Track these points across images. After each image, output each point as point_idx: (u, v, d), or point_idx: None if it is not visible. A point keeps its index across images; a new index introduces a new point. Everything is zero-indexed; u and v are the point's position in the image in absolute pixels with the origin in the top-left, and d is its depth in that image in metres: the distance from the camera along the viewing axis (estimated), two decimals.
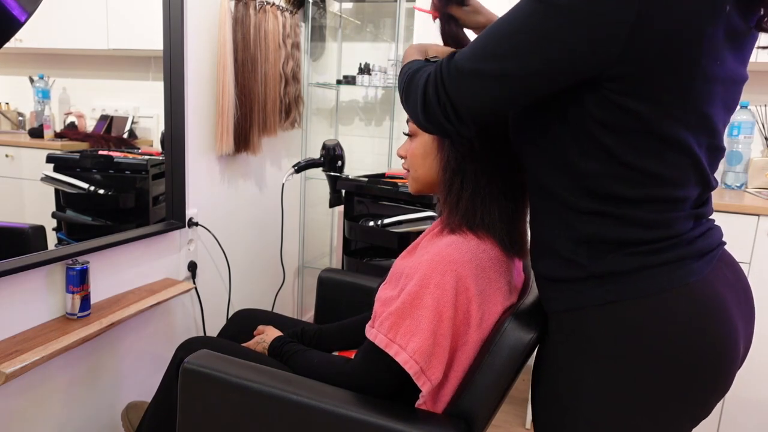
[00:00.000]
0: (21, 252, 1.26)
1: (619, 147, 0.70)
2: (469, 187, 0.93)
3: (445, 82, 0.73)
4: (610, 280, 0.74)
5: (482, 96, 0.72)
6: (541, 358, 0.87)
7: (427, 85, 0.76)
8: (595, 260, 0.75)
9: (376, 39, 2.51)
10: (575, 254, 0.77)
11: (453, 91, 0.73)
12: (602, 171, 0.72)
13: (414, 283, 0.90)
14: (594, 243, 0.75)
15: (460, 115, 0.74)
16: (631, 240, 0.73)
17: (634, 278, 0.73)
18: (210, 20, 1.79)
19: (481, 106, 0.73)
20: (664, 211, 0.73)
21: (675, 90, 0.68)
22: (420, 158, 0.99)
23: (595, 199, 0.74)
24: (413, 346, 0.87)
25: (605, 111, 0.70)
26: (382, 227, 1.84)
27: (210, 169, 1.92)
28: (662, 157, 0.71)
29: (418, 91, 0.78)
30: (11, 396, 1.28)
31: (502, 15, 0.72)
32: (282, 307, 2.48)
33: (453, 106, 0.73)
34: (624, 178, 0.72)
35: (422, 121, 0.79)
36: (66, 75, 1.42)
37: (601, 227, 0.74)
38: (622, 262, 0.73)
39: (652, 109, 0.68)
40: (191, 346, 1.15)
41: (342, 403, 0.91)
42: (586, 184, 0.74)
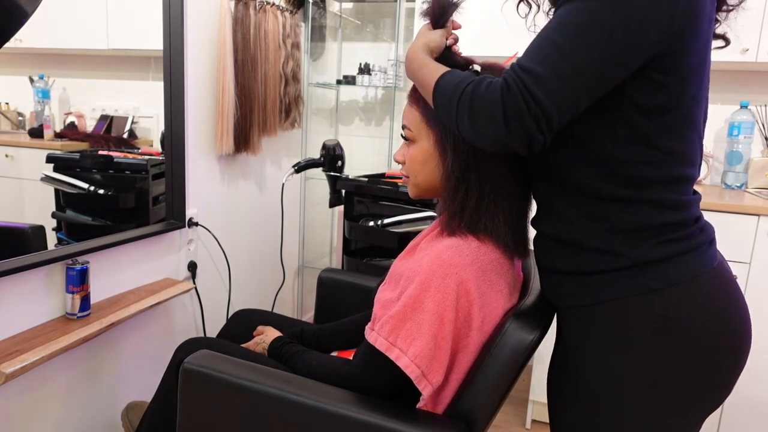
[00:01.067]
0: (21, 252, 1.26)
1: (654, 130, 0.74)
2: (474, 195, 0.92)
3: (532, 92, 0.69)
4: (650, 268, 0.76)
5: (570, 97, 0.71)
6: (569, 354, 0.86)
7: (506, 101, 0.71)
8: (635, 249, 0.77)
9: (376, 39, 2.51)
10: (613, 245, 0.78)
11: (543, 99, 0.69)
12: (635, 156, 0.75)
13: (415, 286, 0.89)
14: (630, 231, 0.77)
15: (551, 123, 0.71)
16: (662, 224, 0.76)
17: (671, 265, 0.76)
18: (210, 20, 1.79)
19: (570, 108, 0.72)
20: (683, 193, 0.78)
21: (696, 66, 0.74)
22: (420, 165, 0.98)
23: (625, 185, 0.76)
24: (414, 350, 0.87)
25: (646, 93, 0.73)
26: (382, 227, 1.84)
27: (210, 169, 1.92)
28: (686, 136, 0.76)
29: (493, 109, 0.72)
30: (11, 396, 1.28)
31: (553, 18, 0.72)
32: (282, 307, 2.48)
33: (545, 114, 0.70)
34: (654, 160, 0.75)
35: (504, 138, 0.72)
36: (66, 75, 1.42)
37: (635, 214, 0.77)
38: (658, 249, 0.76)
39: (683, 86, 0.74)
40: (191, 346, 1.14)
41: (342, 404, 0.91)
42: (619, 171, 0.76)
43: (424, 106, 0.95)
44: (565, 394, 0.87)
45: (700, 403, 0.79)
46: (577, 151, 0.79)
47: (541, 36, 0.72)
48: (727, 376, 0.79)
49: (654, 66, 0.72)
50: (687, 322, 0.76)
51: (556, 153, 0.80)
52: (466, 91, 0.75)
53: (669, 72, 0.72)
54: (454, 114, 0.77)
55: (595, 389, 0.81)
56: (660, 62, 0.72)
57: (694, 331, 0.76)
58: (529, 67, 0.70)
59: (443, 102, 0.79)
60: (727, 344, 0.77)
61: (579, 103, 0.72)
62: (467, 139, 0.79)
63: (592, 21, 0.69)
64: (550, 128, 0.71)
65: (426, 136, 0.96)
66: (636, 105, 0.74)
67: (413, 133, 0.98)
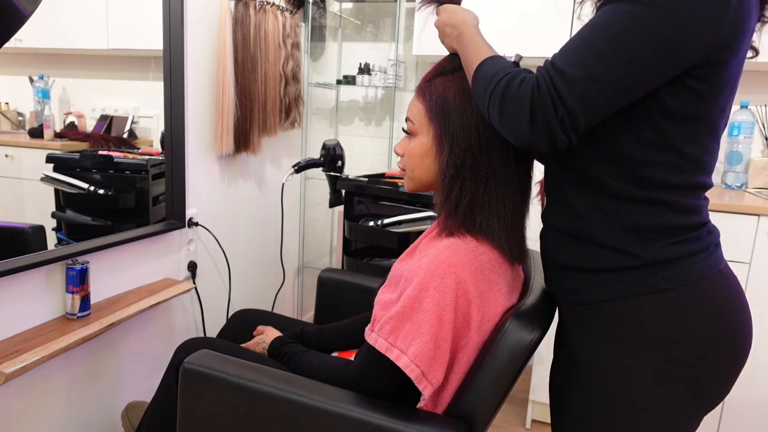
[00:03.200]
0: (21, 252, 1.26)
1: (679, 136, 0.74)
2: (468, 193, 0.92)
3: (561, 94, 0.70)
4: (662, 269, 0.77)
5: (599, 101, 0.71)
6: (571, 353, 0.87)
7: (535, 99, 0.71)
8: (646, 249, 0.77)
9: (376, 39, 2.51)
10: (625, 243, 0.78)
11: (571, 100, 0.70)
12: (657, 160, 0.75)
13: (413, 286, 0.89)
14: (643, 231, 0.77)
15: (577, 125, 0.71)
16: (675, 226, 0.77)
17: (681, 266, 0.77)
18: (210, 20, 1.79)
19: (598, 111, 0.72)
20: (697, 198, 0.79)
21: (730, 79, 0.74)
22: (418, 159, 0.98)
23: (643, 187, 0.77)
24: (414, 350, 0.87)
25: (679, 99, 0.73)
26: (382, 227, 1.84)
27: (210, 169, 1.92)
28: (708, 145, 0.77)
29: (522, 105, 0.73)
30: (11, 396, 1.28)
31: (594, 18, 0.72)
32: (282, 307, 2.48)
33: (572, 117, 0.70)
34: (673, 165, 0.76)
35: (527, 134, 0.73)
36: (66, 75, 1.42)
37: (649, 215, 0.77)
38: (670, 250, 0.77)
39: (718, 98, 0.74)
40: (191, 346, 1.14)
41: (342, 403, 0.91)
42: (638, 172, 0.76)
43: (429, 100, 0.95)
44: (570, 390, 0.87)
45: (701, 401, 0.80)
46: (598, 148, 0.78)
47: (579, 35, 0.72)
48: (728, 375, 0.81)
49: (692, 74, 0.71)
50: (695, 321, 0.77)
51: (578, 148, 0.80)
52: (500, 83, 0.76)
53: (706, 81, 0.72)
54: (486, 103, 0.79)
55: (602, 385, 0.82)
56: (699, 71, 0.71)
57: (701, 331, 0.77)
58: (561, 68, 0.70)
59: (479, 89, 0.81)
60: (731, 345, 0.79)
61: (608, 108, 0.72)
62: (495, 125, 0.80)
63: (633, 26, 0.67)
64: (576, 130, 0.72)
65: (427, 131, 0.96)
66: (666, 110, 0.73)
67: (415, 127, 0.98)
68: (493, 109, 0.77)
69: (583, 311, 0.84)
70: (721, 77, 0.73)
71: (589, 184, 0.80)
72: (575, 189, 0.83)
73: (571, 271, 0.85)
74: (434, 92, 0.95)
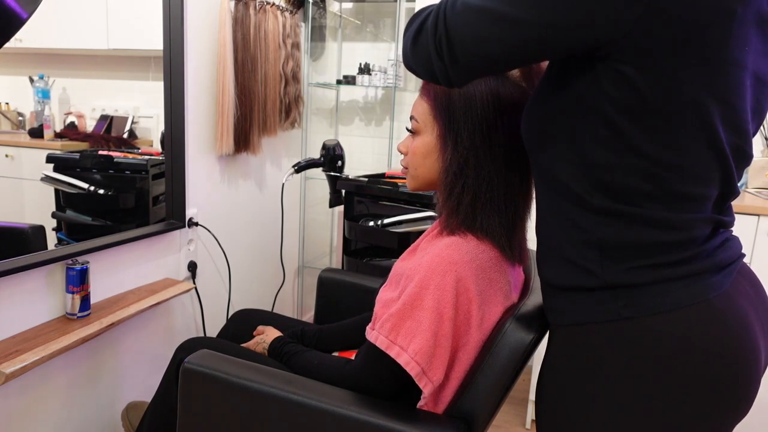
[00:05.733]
0: (21, 252, 1.26)
1: (637, 133, 0.64)
2: (470, 192, 0.92)
3: (446, 13, 0.67)
4: (625, 294, 0.68)
5: (484, 37, 0.65)
6: (546, 372, 0.80)
7: (427, 17, 0.69)
8: (609, 268, 0.68)
9: (376, 39, 2.51)
10: (586, 260, 0.70)
11: (453, 22, 0.66)
12: (617, 161, 0.66)
13: (414, 284, 0.89)
14: (607, 248, 0.68)
15: (453, 53, 0.67)
16: (646, 243, 0.67)
17: (651, 293, 0.67)
18: (210, 20, 1.79)
19: (479, 48, 0.66)
20: (681, 210, 0.66)
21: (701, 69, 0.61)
22: (421, 157, 0.98)
23: (608, 195, 0.67)
24: (414, 348, 0.87)
25: (621, 90, 0.63)
26: (382, 227, 1.84)
27: (210, 169, 1.92)
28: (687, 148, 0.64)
29: (412, 27, 0.72)
30: (11, 396, 1.28)
31: None
32: (282, 307, 2.48)
33: (449, 40, 0.67)
34: (640, 169, 0.65)
35: (409, 53, 0.72)
36: (66, 75, 1.42)
37: (614, 229, 0.68)
38: (638, 274, 0.67)
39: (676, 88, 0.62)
40: (191, 346, 1.15)
41: (342, 403, 0.91)
42: (598, 177, 0.67)
43: (434, 98, 0.96)
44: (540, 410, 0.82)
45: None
46: (562, 149, 0.71)
47: None
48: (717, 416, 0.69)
49: (624, 59, 0.62)
50: (663, 358, 0.66)
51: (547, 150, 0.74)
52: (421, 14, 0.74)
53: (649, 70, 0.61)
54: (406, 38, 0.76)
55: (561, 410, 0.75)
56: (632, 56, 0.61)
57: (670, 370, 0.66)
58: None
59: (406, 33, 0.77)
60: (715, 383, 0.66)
61: (492, 50, 0.66)
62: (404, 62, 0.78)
63: None
64: (452, 58, 0.68)
65: (431, 129, 0.97)
66: (612, 101, 0.64)
67: (419, 125, 0.98)
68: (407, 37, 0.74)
69: (558, 333, 0.78)
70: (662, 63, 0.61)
71: (557, 191, 0.73)
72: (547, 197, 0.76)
73: (549, 287, 0.79)
74: (439, 91, 0.95)
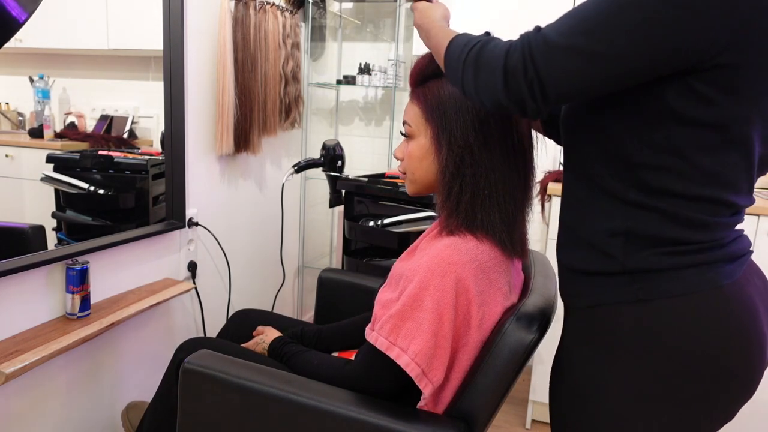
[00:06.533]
0: (21, 252, 1.26)
1: (687, 142, 0.69)
2: (468, 190, 0.92)
3: (534, 56, 0.67)
4: (642, 278, 0.73)
5: (575, 75, 0.67)
6: (562, 354, 0.85)
7: (509, 58, 0.70)
8: (630, 255, 0.73)
9: (376, 39, 2.51)
10: (609, 247, 0.75)
11: (543, 66, 0.67)
12: (660, 164, 0.70)
13: (414, 285, 0.89)
14: (631, 236, 0.73)
15: (546, 94, 0.68)
16: (671, 239, 0.72)
17: (666, 277, 0.72)
18: (210, 20, 1.79)
19: (571, 86, 0.68)
20: (712, 214, 0.72)
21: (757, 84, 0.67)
22: (417, 160, 0.99)
23: (644, 191, 0.72)
24: (414, 349, 0.87)
25: (686, 103, 0.67)
26: (382, 227, 1.84)
27: (210, 169, 1.92)
28: (725, 157, 0.69)
29: (495, 64, 0.71)
30: (11, 396, 1.28)
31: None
32: (282, 307, 2.48)
33: (541, 83, 0.68)
34: (681, 173, 0.70)
35: (501, 96, 0.72)
36: (66, 75, 1.42)
37: (643, 222, 0.73)
38: (656, 260, 0.72)
39: (736, 105, 0.67)
40: (191, 346, 1.15)
41: (342, 404, 0.91)
42: (639, 175, 0.72)
43: (425, 101, 0.96)
44: (556, 393, 0.86)
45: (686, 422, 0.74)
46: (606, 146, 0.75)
47: (577, 6, 0.69)
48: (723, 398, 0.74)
49: (701, 77, 0.66)
50: (675, 338, 0.71)
51: (588, 144, 0.78)
52: (474, 47, 0.75)
53: (715, 85, 0.66)
54: (460, 70, 0.77)
55: (580, 392, 0.80)
56: (709, 74, 0.66)
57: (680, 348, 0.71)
58: (545, 32, 0.68)
59: (452, 61, 0.79)
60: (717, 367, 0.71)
61: (584, 85, 0.68)
62: (469, 95, 0.77)
63: (631, 7, 0.63)
64: (544, 98, 0.69)
65: (424, 131, 0.97)
66: (676, 114, 0.68)
67: (413, 129, 0.99)
68: (468, 72, 0.75)
69: (575, 315, 0.83)
70: (736, 82, 0.66)
71: (592, 182, 0.78)
72: (581, 185, 0.80)
73: (570, 271, 0.83)
74: (429, 94, 0.96)
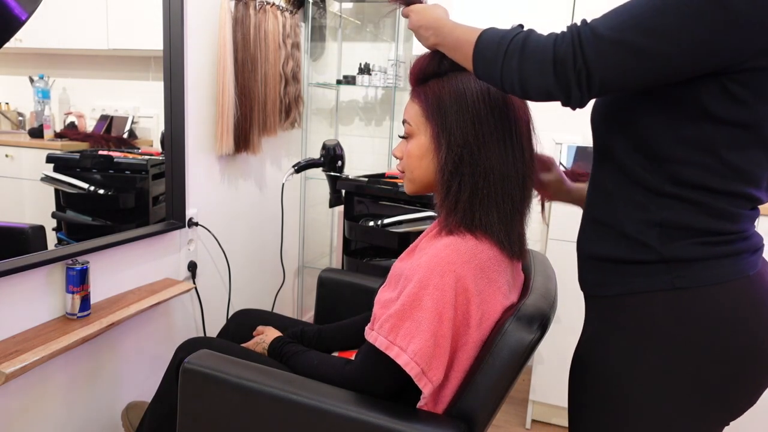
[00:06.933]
0: (21, 252, 1.26)
1: (718, 139, 0.72)
2: (467, 189, 0.93)
3: (584, 47, 0.70)
4: (679, 267, 0.76)
5: (621, 69, 0.70)
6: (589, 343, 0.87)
7: (557, 47, 0.72)
8: (666, 245, 0.76)
9: (376, 39, 2.51)
10: (646, 236, 0.77)
11: (592, 57, 0.70)
12: (693, 160, 0.74)
13: (413, 285, 0.89)
14: (667, 227, 0.76)
15: (591, 84, 0.71)
16: (702, 229, 0.75)
17: (701, 266, 0.75)
18: (210, 20, 1.79)
19: (616, 78, 0.71)
20: (738, 207, 0.76)
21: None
22: (416, 159, 0.99)
23: (677, 184, 0.75)
24: (414, 348, 0.87)
25: (720, 102, 0.71)
26: (382, 227, 1.84)
27: (210, 169, 1.92)
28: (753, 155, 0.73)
29: (544, 54, 0.73)
30: (11, 396, 1.28)
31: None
32: (282, 307, 2.48)
33: (588, 73, 0.70)
34: (712, 169, 0.73)
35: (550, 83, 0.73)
36: (66, 75, 1.42)
37: (677, 212, 0.76)
38: (691, 249, 0.75)
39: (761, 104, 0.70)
40: (191, 346, 1.15)
41: (342, 403, 0.91)
42: (672, 169, 0.75)
43: (425, 100, 0.96)
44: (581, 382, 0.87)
45: (711, 411, 0.78)
46: (640, 140, 0.78)
47: (627, 2, 0.71)
48: (746, 385, 0.78)
49: (732, 77, 0.70)
50: (710, 324, 0.75)
51: (623, 137, 0.80)
52: (517, 38, 0.76)
53: (747, 87, 0.70)
54: (500, 61, 0.77)
55: (609, 378, 0.81)
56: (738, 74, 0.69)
57: (715, 335, 0.75)
58: (594, 25, 0.70)
59: (487, 53, 0.79)
60: (749, 353, 0.76)
61: (628, 79, 0.71)
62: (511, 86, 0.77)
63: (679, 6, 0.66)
64: (590, 88, 0.71)
65: (424, 131, 0.97)
66: (708, 112, 0.72)
67: (412, 128, 0.99)
68: (511, 62, 0.76)
69: (603, 304, 0.84)
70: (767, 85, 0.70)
71: (626, 174, 0.80)
72: (611, 177, 0.82)
73: (598, 261, 0.85)
74: (429, 93, 0.96)
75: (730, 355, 0.75)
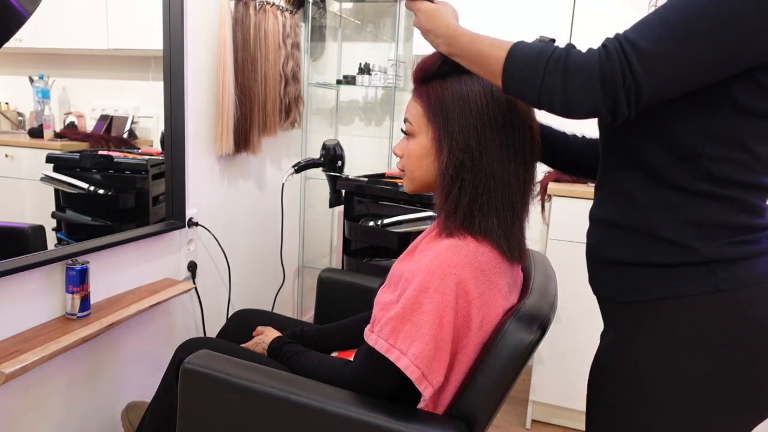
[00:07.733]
0: (21, 252, 1.26)
1: (751, 134, 0.73)
2: (467, 194, 0.92)
3: (632, 65, 0.69)
4: (721, 268, 0.75)
5: (670, 81, 0.70)
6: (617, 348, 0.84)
7: (603, 66, 0.70)
8: (707, 245, 0.75)
9: (376, 39, 2.51)
10: (685, 238, 0.76)
11: (642, 75, 0.69)
12: (724, 155, 0.74)
13: (413, 287, 0.89)
14: (705, 227, 0.76)
15: (640, 99, 0.70)
16: (738, 225, 0.75)
17: (741, 267, 0.75)
18: (210, 20, 1.79)
19: (664, 91, 0.71)
20: (763, 199, 0.76)
21: None
22: (417, 159, 0.98)
23: (710, 181, 0.75)
24: (414, 351, 0.87)
25: (752, 97, 0.71)
26: (382, 227, 1.84)
27: (210, 169, 1.92)
28: None
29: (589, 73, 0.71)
30: (11, 396, 1.28)
31: None
32: (282, 307, 2.48)
33: (638, 90, 0.70)
34: (743, 163, 0.74)
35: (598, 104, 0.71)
36: (66, 75, 1.42)
37: (714, 210, 0.75)
38: (730, 249, 0.75)
39: None
40: (191, 346, 1.15)
41: (342, 404, 0.91)
42: (703, 166, 0.75)
43: (427, 101, 0.95)
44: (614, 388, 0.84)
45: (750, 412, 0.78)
46: (669, 140, 0.77)
47: (656, 13, 0.71)
48: None
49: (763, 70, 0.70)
50: (754, 326, 0.75)
51: (650, 139, 0.78)
52: (554, 57, 0.74)
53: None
54: (539, 79, 0.75)
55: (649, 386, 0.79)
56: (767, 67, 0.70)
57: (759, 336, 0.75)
58: (633, 40, 0.70)
59: (524, 69, 0.76)
60: None
61: (674, 89, 0.71)
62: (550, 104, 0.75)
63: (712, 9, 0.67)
64: (638, 104, 0.71)
65: (425, 132, 0.96)
66: (737, 106, 0.72)
67: (414, 128, 0.98)
68: (553, 80, 0.73)
69: (632, 310, 0.82)
70: None
71: (650, 175, 0.79)
72: (635, 180, 0.81)
73: (623, 267, 0.82)
74: (432, 94, 0.95)
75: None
